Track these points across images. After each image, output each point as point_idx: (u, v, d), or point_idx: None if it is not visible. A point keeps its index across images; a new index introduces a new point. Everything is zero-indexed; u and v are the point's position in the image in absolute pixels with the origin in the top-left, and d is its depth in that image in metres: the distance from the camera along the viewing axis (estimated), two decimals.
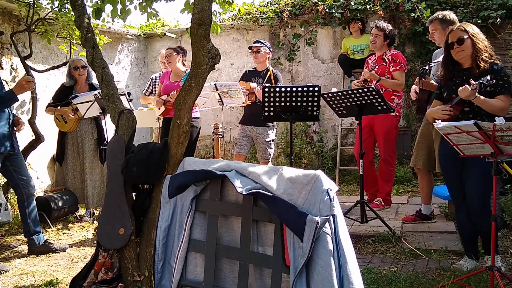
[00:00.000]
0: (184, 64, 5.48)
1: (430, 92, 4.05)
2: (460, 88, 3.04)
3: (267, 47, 5.25)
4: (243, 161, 5.23)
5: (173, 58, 5.37)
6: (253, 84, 5.15)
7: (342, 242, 1.97)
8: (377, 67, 4.87)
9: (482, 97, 3.03)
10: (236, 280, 2.27)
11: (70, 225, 5.12)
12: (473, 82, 2.98)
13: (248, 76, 5.35)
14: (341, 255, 1.96)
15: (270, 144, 5.22)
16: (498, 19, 6.20)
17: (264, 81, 5.14)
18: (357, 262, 2.02)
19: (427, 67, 4.00)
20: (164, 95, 5.40)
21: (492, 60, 3.18)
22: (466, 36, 3.17)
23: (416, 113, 4.30)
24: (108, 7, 3.74)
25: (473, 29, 3.22)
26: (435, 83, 3.95)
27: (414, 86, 4.20)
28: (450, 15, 4.13)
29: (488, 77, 3.00)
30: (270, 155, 5.26)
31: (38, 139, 5.31)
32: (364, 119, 4.40)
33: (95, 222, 5.12)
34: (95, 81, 5.04)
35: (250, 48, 5.32)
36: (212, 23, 4.51)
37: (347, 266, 1.95)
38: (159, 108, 5.45)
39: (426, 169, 4.34)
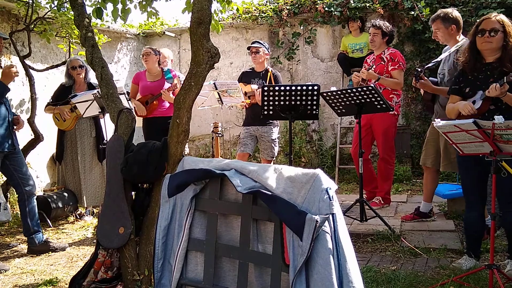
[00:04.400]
0: (159, 65, 5.46)
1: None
2: (490, 89, 2.91)
3: (265, 47, 5.25)
4: (247, 159, 5.23)
5: (151, 57, 5.35)
6: (254, 86, 5.15)
7: (342, 241, 1.97)
8: (374, 66, 4.87)
9: (510, 94, 2.93)
10: (236, 278, 2.27)
11: (69, 224, 5.13)
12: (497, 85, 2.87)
13: (246, 77, 5.33)
14: (341, 253, 1.96)
15: (275, 142, 5.24)
16: None
17: (267, 83, 5.12)
18: (357, 260, 2.02)
19: (419, 69, 4.00)
20: (145, 96, 5.33)
21: None
22: (500, 29, 3.02)
23: (426, 110, 4.34)
24: (109, 8, 3.73)
25: (510, 24, 3.05)
26: (431, 85, 3.97)
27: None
28: (453, 12, 4.06)
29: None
30: (275, 153, 5.27)
31: (37, 138, 5.30)
32: (363, 118, 4.41)
33: (94, 221, 5.12)
34: (93, 80, 5.04)
35: (248, 48, 5.31)
36: (213, 22, 4.53)
37: (347, 264, 1.95)
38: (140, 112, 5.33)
39: (435, 167, 4.32)
